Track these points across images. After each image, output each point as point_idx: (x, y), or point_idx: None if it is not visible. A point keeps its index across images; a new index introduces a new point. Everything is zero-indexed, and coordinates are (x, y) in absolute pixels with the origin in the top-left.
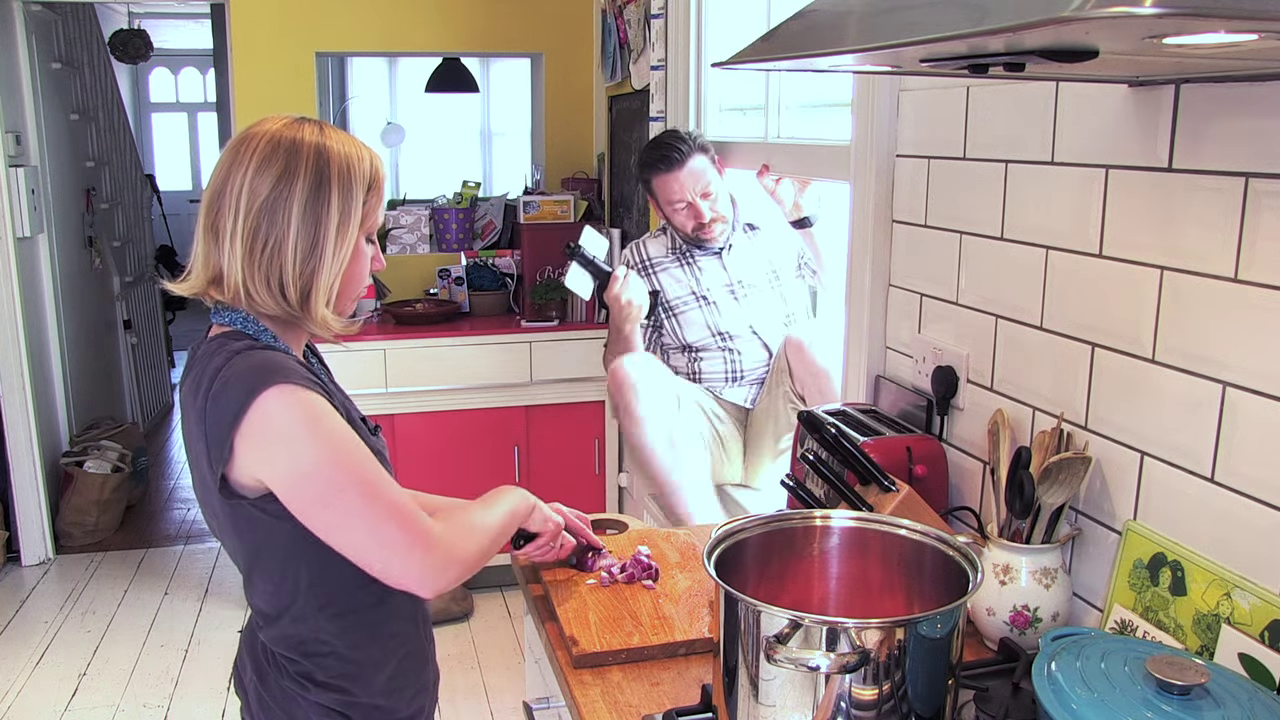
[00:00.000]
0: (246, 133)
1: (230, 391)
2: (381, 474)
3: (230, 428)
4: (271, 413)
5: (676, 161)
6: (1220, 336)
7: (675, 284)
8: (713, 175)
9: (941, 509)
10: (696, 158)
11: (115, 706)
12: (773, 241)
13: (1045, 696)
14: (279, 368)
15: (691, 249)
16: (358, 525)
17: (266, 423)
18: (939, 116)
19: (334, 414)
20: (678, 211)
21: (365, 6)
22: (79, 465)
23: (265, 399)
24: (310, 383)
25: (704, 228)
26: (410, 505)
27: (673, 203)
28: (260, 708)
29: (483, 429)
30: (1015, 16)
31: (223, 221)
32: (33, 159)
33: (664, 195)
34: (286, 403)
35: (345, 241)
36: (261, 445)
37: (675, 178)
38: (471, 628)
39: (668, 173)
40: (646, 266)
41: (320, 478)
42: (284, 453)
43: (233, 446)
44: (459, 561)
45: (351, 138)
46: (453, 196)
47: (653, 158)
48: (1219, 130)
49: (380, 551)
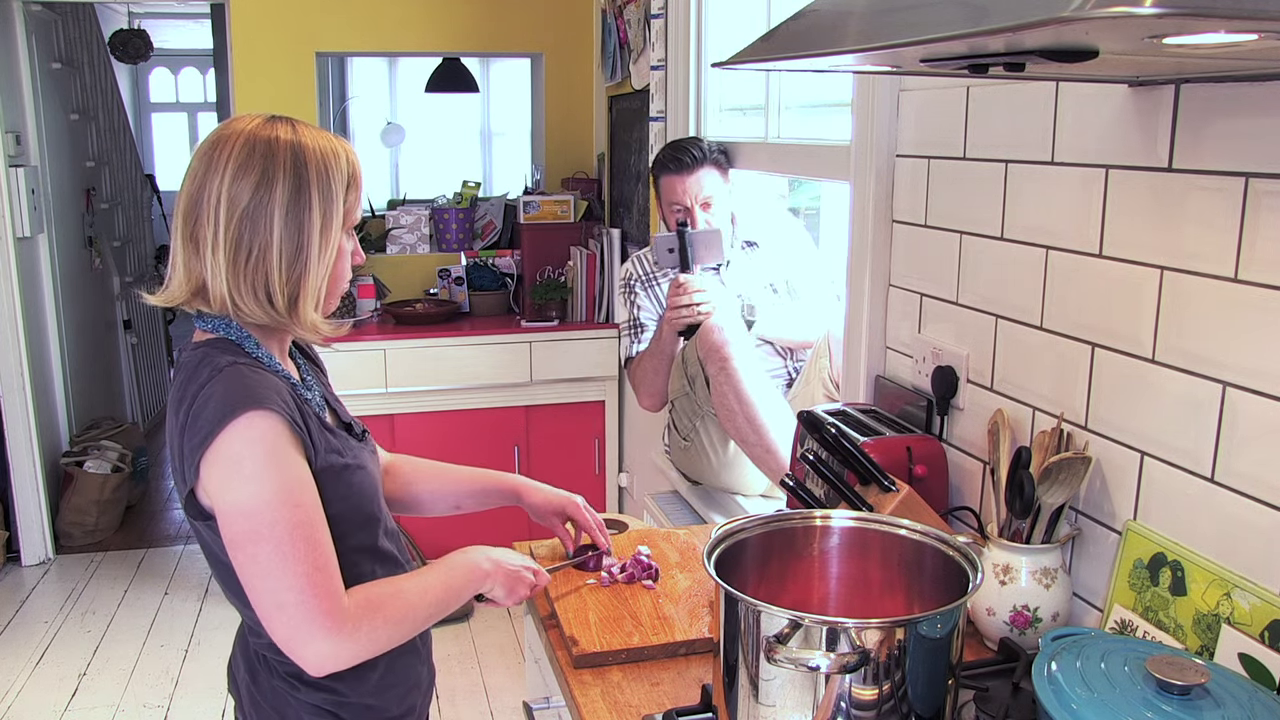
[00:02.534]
0: (218, 135)
1: (207, 412)
2: (314, 538)
3: (199, 448)
4: (233, 442)
5: (687, 166)
6: (1220, 336)
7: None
8: (718, 189)
9: (941, 509)
10: (707, 169)
11: (115, 706)
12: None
13: (1045, 696)
14: (255, 393)
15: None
16: (260, 580)
17: (226, 450)
18: (939, 116)
19: (292, 457)
20: (674, 214)
21: (365, 6)
22: (79, 465)
23: (234, 425)
24: (284, 409)
25: None
26: (326, 580)
27: (672, 204)
28: (252, 707)
29: (483, 429)
30: (1015, 16)
31: (202, 231)
32: (33, 159)
33: (666, 195)
34: (250, 435)
35: (329, 242)
36: (217, 471)
37: (681, 180)
38: (471, 628)
39: (675, 174)
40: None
41: (246, 519)
42: (227, 484)
43: (198, 467)
44: (355, 653)
45: (325, 133)
46: (453, 196)
47: (665, 157)
48: (1219, 130)
49: (273, 615)
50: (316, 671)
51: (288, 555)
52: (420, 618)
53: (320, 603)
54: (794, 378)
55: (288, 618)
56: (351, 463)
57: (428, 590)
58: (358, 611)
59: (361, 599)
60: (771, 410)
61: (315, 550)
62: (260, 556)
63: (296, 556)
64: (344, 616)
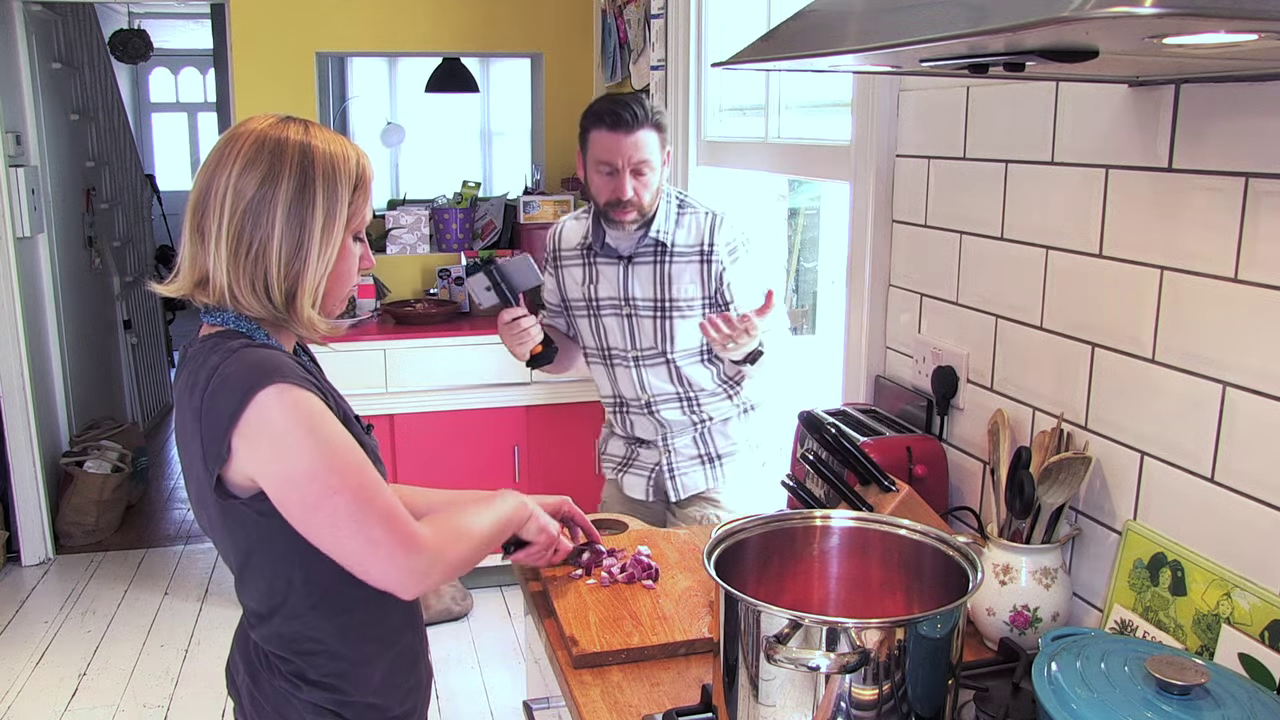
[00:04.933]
0: (232, 133)
1: (228, 389)
2: (373, 476)
3: (228, 427)
4: (269, 413)
5: (627, 124)
6: (1220, 336)
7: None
8: (655, 159)
9: (941, 509)
10: (648, 130)
11: (115, 706)
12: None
13: (1045, 696)
14: (277, 366)
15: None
16: (345, 528)
17: (264, 423)
18: (939, 116)
19: (330, 416)
20: (600, 174)
21: (365, 6)
22: (79, 465)
23: (263, 398)
24: (306, 382)
25: (620, 206)
26: (398, 508)
27: (600, 163)
28: (253, 708)
29: (483, 429)
30: (1015, 16)
31: (208, 223)
32: (33, 159)
33: (597, 152)
34: (284, 404)
35: (330, 242)
36: (258, 445)
37: (616, 139)
38: (471, 627)
39: (610, 131)
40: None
41: (312, 482)
42: (278, 454)
43: (230, 446)
44: (442, 566)
45: (338, 136)
46: (453, 196)
47: (601, 110)
48: (1219, 130)
49: (365, 553)
50: (416, 592)
51: (364, 499)
52: (484, 537)
53: (406, 527)
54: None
55: (385, 550)
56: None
57: (483, 517)
58: (434, 534)
59: (432, 523)
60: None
61: (381, 487)
62: (341, 509)
63: (371, 496)
64: (426, 539)
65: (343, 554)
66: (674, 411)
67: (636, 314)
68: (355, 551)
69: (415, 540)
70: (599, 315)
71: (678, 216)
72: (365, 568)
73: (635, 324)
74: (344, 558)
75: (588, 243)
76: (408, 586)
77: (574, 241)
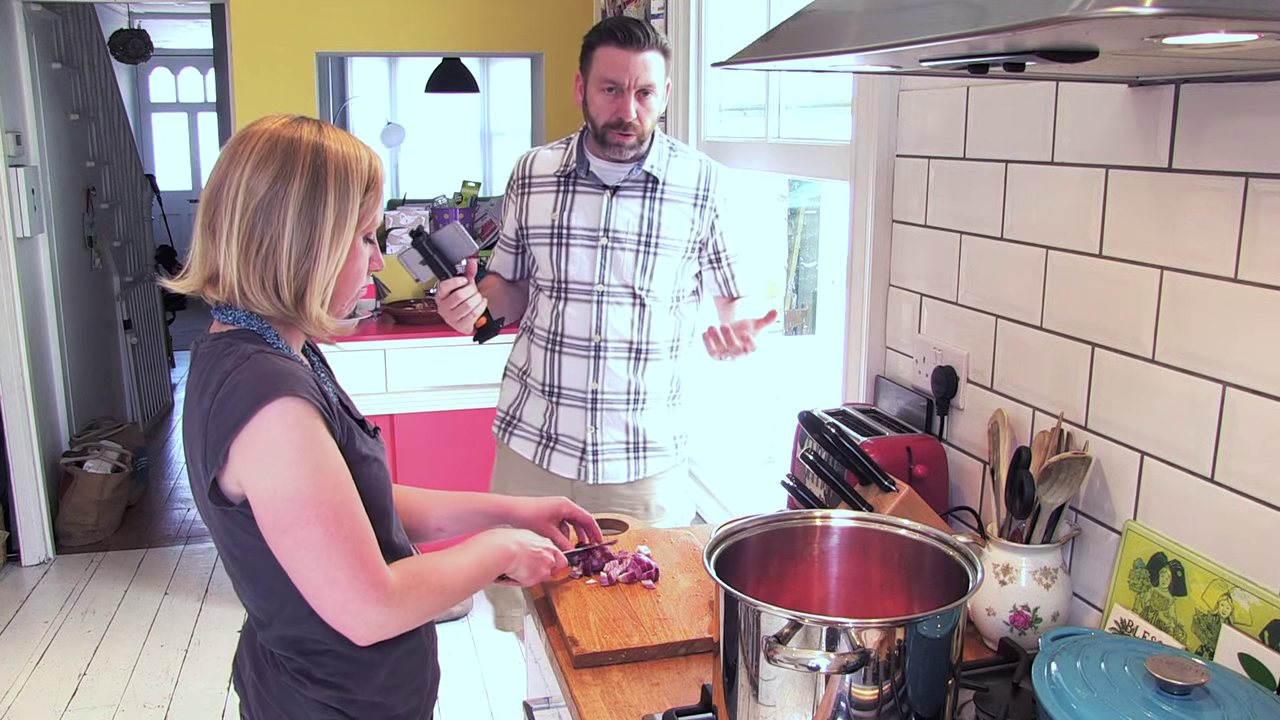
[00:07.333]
0: (245, 131)
1: (237, 397)
2: (356, 515)
3: (230, 434)
4: (270, 427)
5: (638, 42)
6: (1220, 336)
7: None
8: (660, 84)
9: (941, 509)
10: (656, 54)
11: (115, 706)
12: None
13: (1045, 696)
14: (288, 378)
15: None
16: (309, 559)
17: (262, 436)
18: (939, 116)
19: (328, 443)
20: (602, 92)
21: (365, 6)
22: (79, 465)
23: (269, 411)
24: (315, 395)
25: (621, 127)
26: (369, 554)
27: (605, 80)
28: (259, 705)
29: (483, 429)
30: (1015, 16)
31: (219, 220)
32: (33, 159)
33: (599, 69)
34: (287, 421)
35: (341, 242)
36: (251, 457)
37: (626, 55)
38: (471, 627)
39: (620, 48)
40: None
41: (290, 505)
42: (267, 470)
43: (228, 453)
44: (399, 623)
45: (350, 137)
46: (453, 196)
47: (613, 25)
48: (1219, 130)
49: (323, 590)
50: (366, 641)
51: (336, 535)
52: (456, 591)
53: (370, 574)
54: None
55: (341, 593)
56: (369, 454)
57: (462, 566)
58: (402, 583)
59: (404, 572)
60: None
61: (360, 527)
62: (311, 539)
63: (344, 535)
64: (392, 587)
65: (302, 584)
66: (619, 362)
67: (615, 247)
68: (314, 585)
69: (377, 591)
70: (567, 245)
71: (670, 155)
72: (320, 604)
73: (610, 256)
74: (303, 588)
75: (568, 170)
76: (358, 635)
77: (549, 169)
